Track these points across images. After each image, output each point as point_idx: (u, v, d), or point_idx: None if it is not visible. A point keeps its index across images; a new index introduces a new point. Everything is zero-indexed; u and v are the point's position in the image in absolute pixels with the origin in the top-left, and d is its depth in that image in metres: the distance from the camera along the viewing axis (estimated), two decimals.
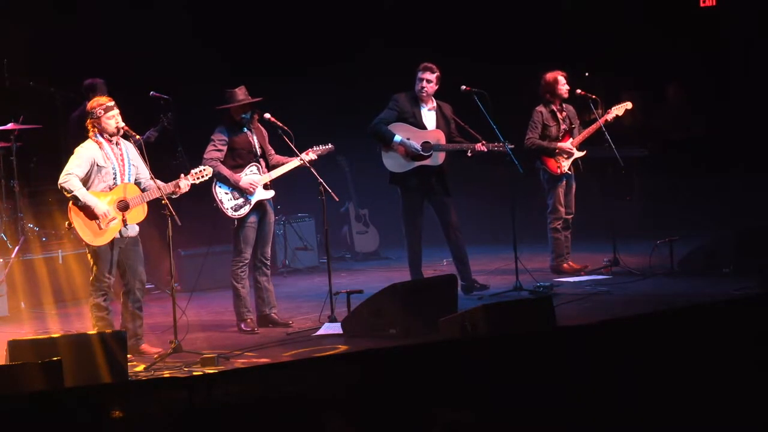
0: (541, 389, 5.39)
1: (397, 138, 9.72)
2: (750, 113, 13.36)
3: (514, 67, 12.52)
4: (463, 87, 9.79)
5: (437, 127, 9.83)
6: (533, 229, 11.34)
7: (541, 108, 10.76)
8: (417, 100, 9.85)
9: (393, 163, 9.82)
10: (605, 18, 13.90)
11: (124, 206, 8.00)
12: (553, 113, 10.74)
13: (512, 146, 9.82)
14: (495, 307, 7.66)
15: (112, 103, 8.11)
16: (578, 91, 10.69)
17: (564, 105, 10.82)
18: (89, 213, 7.92)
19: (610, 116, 10.67)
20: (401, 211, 9.96)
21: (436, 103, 9.90)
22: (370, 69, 13.42)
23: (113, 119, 8.04)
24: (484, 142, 9.79)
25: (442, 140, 9.78)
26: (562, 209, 10.78)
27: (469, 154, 9.76)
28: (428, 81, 9.77)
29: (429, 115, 9.87)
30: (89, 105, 8.18)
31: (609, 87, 13.71)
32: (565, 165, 10.69)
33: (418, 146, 9.71)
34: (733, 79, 13.91)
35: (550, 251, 10.85)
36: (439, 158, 9.78)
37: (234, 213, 8.89)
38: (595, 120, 10.74)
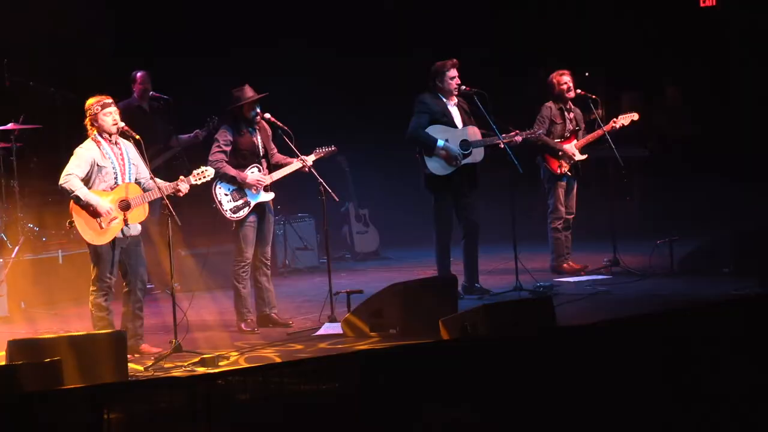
0: (541, 389, 5.39)
1: (440, 143, 9.53)
2: (750, 113, 13.36)
3: (514, 66, 12.54)
4: (464, 87, 9.74)
5: (462, 121, 9.70)
6: (533, 229, 11.33)
7: (550, 104, 10.75)
8: (441, 99, 9.68)
9: (438, 165, 9.60)
10: (605, 18, 13.92)
11: (125, 206, 7.99)
12: (561, 111, 10.74)
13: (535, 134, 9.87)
14: (495, 307, 7.66)
15: (110, 100, 8.07)
16: (578, 91, 10.70)
17: (572, 106, 10.82)
18: (91, 212, 7.90)
19: (616, 124, 10.67)
20: (434, 213, 9.76)
21: (457, 98, 9.77)
22: (371, 69, 13.42)
23: (110, 116, 7.99)
24: (517, 131, 9.76)
25: (478, 135, 9.65)
26: (563, 209, 10.78)
27: (501, 146, 9.59)
28: (459, 76, 9.63)
29: (454, 111, 9.72)
30: (87, 103, 8.07)
31: (609, 87, 13.75)
32: (566, 167, 10.70)
33: (458, 150, 9.55)
34: (732, 80, 13.92)
35: (550, 251, 10.85)
36: (479, 154, 9.67)
37: (233, 215, 8.87)
38: (595, 120, 10.77)
